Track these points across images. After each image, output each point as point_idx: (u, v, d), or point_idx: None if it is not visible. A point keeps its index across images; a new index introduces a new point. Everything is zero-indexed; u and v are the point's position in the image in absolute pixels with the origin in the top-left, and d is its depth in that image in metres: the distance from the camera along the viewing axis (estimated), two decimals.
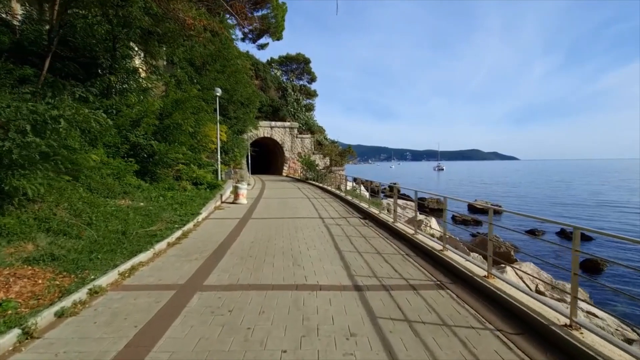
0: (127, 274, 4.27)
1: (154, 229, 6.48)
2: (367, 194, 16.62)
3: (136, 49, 12.36)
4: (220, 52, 19.64)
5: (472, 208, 23.88)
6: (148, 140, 11.19)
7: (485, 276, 3.99)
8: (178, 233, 6.48)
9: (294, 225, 7.85)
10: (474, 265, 4.37)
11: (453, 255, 4.88)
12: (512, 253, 10.12)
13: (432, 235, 9.52)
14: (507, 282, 3.77)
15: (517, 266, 8.13)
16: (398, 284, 4.10)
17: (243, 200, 11.76)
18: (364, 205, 10.95)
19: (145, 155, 11.12)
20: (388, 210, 13.68)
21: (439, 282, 4.17)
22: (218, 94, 14.29)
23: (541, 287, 7.39)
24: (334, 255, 5.34)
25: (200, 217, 8.30)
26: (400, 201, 19.18)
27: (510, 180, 64.53)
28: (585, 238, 17.56)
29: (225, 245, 5.91)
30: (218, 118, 14.53)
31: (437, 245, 5.47)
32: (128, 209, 7.46)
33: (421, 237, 6.09)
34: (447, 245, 5.19)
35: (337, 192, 15.72)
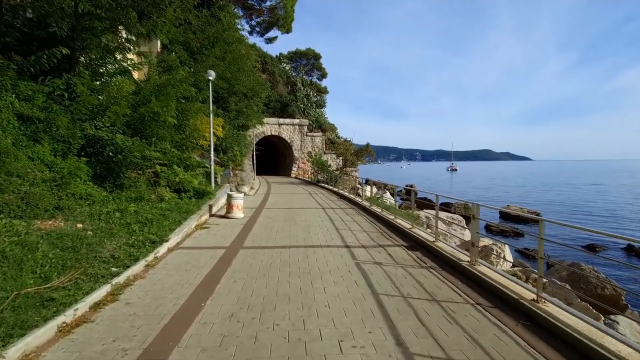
0: None
1: (58, 284, 3.63)
2: (395, 204, 13.53)
3: (123, 31, 9.74)
4: (220, 34, 16.88)
5: (503, 215, 20.58)
6: (114, 133, 8.46)
7: None
8: (100, 292, 3.58)
9: (307, 267, 4.90)
10: None
11: None
12: (622, 297, 6.94)
13: (514, 274, 6.45)
14: None
15: None
16: None
17: (238, 213, 8.88)
18: (401, 222, 7.87)
19: (110, 154, 8.37)
20: (428, 226, 10.58)
21: None
22: (211, 77, 11.50)
23: None
24: None
25: (163, 248, 5.43)
26: (442, 214, 15.55)
27: (535, 182, 60.03)
28: None
29: (175, 334, 2.95)
30: (211, 108, 11.73)
31: (631, 353, 2.44)
32: (42, 239, 4.63)
33: (570, 322, 3.03)
34: None
35: (357, 199, 12.71)
